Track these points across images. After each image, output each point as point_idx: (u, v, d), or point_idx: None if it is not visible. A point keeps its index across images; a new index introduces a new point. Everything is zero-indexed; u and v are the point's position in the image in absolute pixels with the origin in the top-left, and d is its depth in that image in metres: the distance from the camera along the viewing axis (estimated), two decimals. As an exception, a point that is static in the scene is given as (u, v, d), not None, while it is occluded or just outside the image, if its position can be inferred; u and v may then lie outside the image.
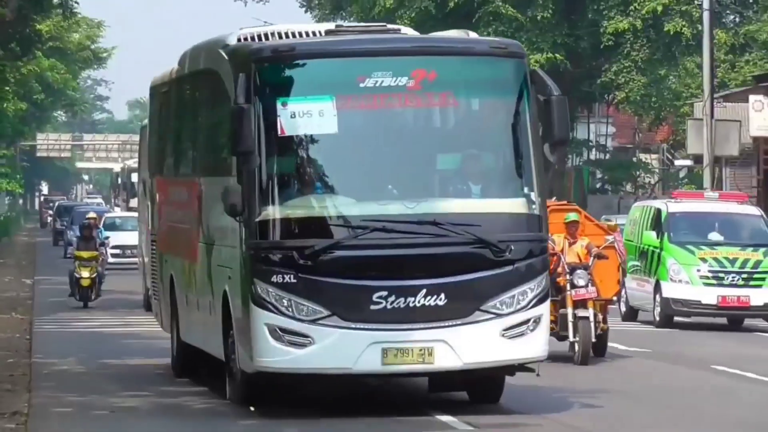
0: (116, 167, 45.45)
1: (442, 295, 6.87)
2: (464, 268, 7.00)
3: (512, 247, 7.04)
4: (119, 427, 7.73)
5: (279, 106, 7.06)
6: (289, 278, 6.83)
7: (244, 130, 6.83)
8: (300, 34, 8.16)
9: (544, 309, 7.29)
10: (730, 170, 32.41)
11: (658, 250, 16.72)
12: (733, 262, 16.44)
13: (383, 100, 7.29)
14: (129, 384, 10.20)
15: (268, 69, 7.26)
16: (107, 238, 25.69)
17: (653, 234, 17.17)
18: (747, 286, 16.12)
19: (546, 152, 7.62)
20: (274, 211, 7.01)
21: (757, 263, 16.41)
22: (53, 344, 14.23)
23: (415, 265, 7.01)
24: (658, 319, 16.73)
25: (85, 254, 18.29)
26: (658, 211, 17.41)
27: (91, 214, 24.07)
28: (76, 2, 24.96)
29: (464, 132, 7.88)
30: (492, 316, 6.99)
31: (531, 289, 7.09)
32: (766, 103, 28.71)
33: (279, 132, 7.07)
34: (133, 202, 28.90)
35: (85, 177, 64.11)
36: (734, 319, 17.05)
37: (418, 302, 6.86)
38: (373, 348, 6.85)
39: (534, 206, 7.36)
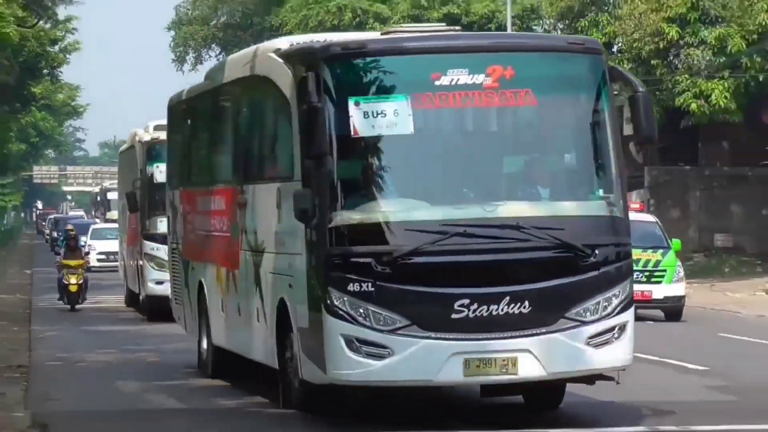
0: (95, 189, 57.83)
1: (526, 303, 6.21)
2: (548, 274, 6.33)
3: (597, 252, 6.37)
4: (94, 375, 10.83)
5: (351, 105, 6.28)
6: (367, 286, 6.10)
7: (317, 132, 6.13)
8: None
9: (629, 316, 6.62)
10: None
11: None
12: (636, 262, 16.98)
13: (459, 99, 6.52)
14: (103, 343, 13.66)
15: (339, 67, 6.50)
16: (85, 245, 27.60)
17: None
18: (649, 282, 17.43)
19: (632, 151, 7.15)
20: (348, 217, 6.25)
21: (657, 263, 17.99)
22: (47, 317, 17.78)
23: (498, 272, 6.36)
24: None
25: (72, 262, 18.53)
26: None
27: (69, 226, 26.06)
28: (60, 72, 35.27)
29: (543, 131, 7.12)
30: (577, 323, 6.34)
31: (616, 295, 6.45)
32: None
33: (352, 133, 6.30)
34: (110, 215, 34.49)
35: (69, 197, 79.81)
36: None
37: (501, 310, 6.19)
38: (454, 359, 6.18)
39: (616, 209, 6.68)
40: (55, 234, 38.62)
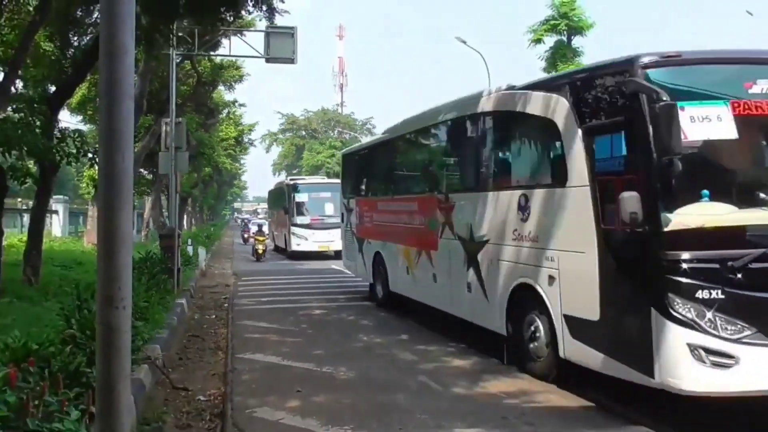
0: (252, 208, 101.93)
1: None
2: None
3: None
4: (262, 266, 23.85)
5: (678, 111, 5.44)
6: (715, 293, 5.26)
7: (654, 138, 5.41)
8: None
9: None
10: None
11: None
12: None
13: None
14: (269, 259, 26.67)
15: (661, 75, 5.75)
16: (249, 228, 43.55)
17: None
18: None
19: None
20: (686, 220, 5.39)
21: None
22: (239, 251, 31.78)
23: None
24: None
25: (260, 238, 27.05)
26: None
27: (246, 219, 56.67)
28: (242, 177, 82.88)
29: None
30: None
31: None
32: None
33: (681, 137, 5.44)
34: (260, 217, 62.26)
35: (244, 211, 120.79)
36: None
37: None
38: None
39: None
40: (241, 223, 65.47)
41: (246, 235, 38.85)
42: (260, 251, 26.68)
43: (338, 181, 31.05)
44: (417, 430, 5.70)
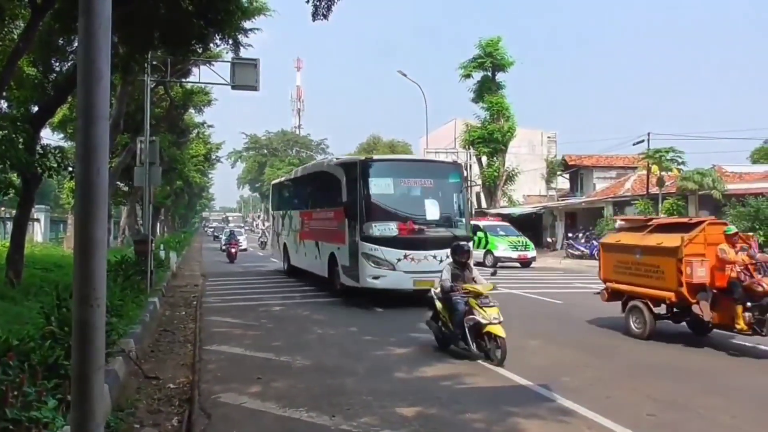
0: (221, 216, 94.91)
1: None
2: None
3: None
4: (229, 271, 21.78)
5: None
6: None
7: None
8: None
9: None
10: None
11: (486, 237, 25.25)
12: (517, 242, 25.36)
13: None
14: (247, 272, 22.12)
15: None
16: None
17: (481, 233, 25.38)
18: (525, 250, 24.95)
19: None
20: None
21: (525, 242, 25.38)
22: (210, 251, 33.02)
23: None
24: (489, 264, 24.05)
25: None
26: (477, 226, 25.62)
27: (227, 229, 44.39)
28: (209, 190, 75.31)
29: None
30: None
31: None
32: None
33: None
34: (231, 224, 59.88)
35: (212, 219, 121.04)
36: (524, 264, 24.84)
37: None
38: None
39: None
40: (215, 234, 60.06)
41: (234, 250, 26.57)
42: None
43: (441, 160, 16.35)
44: (363, 409, 5.65)
